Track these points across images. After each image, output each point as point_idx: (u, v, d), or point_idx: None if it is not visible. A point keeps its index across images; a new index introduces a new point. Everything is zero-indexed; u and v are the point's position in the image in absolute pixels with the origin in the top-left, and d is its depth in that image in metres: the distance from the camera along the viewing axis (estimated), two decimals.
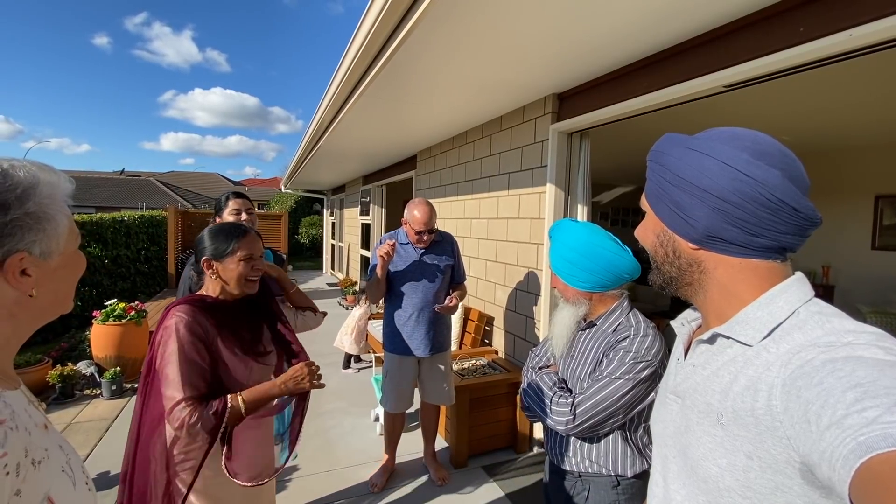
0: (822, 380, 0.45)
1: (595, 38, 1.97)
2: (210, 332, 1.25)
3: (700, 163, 0.60)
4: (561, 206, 2.82)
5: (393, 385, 2.51)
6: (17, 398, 0.57)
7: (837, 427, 0.41)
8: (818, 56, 1.50)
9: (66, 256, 0.63)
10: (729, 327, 0.59)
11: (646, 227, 0.70)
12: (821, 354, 0.48)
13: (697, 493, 0.60)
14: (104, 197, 20.59)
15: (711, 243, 0.61)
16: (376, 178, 7.28)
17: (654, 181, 0.66)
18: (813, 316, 0.55)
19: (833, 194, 5.10)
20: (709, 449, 0.57)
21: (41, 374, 3.76)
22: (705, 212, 0.59)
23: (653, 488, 0.73)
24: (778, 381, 0.50)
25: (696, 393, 0.62)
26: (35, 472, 0.53)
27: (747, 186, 0.57)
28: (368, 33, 2.11)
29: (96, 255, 6.59)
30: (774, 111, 3.38)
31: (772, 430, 0.50)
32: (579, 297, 1.34)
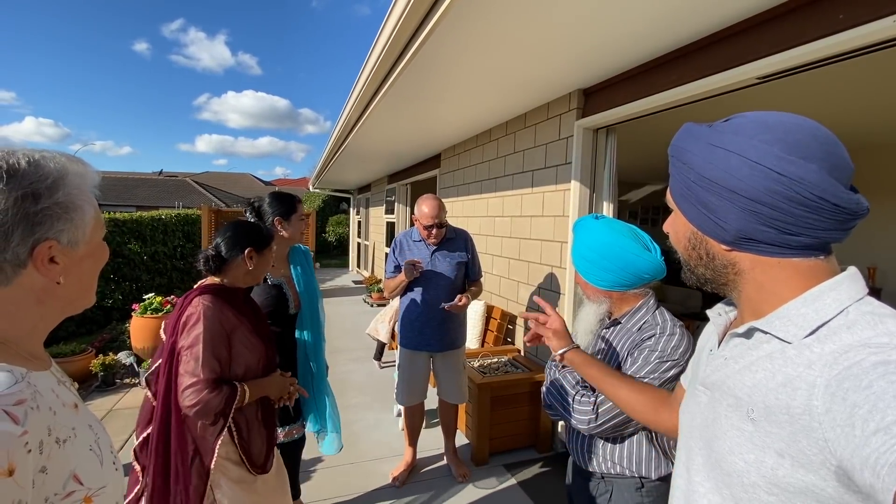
0: (871, 383, 0.43)
1: (622, 31, 1.93)
2: (231, 320, 1.33)
3: (726, 162, 0.56)
4: (586, 203, 2.78)
5: (404, 378, 2.56)
6: (45, 379, 0.59)
7: (885, 433, 0.40)
8: (859, 44, 1.42)
9: (92, 246, 0.65)
10: (768, 322, 0.56)
11: (675, 226, 0.67)
12: (871, 356, 0.45)
13: (721, 486, 0.58)
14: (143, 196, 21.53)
15: (745, 245, 0.58)
16: (401, 177, 7.35)
17: (679, 180, 0.63)
18: (864, 315, 0.51)
19: (880, 191, 4.82)
20: (736, 443, 0.55)
21: (85, 363, 3.98)
22: (736, 214, 0.56)
23: (676, 479, 0.71)
24: (821, 381, 0.48)
25: (725, 385, 0.60)
26: (60, 450, 0.55)
27: (781, 186, 0.52)
28: (392, 32, 2.14)
29: (136, 251, 6.90)
30: (813, 104, 3.23)
31: (808, 431, 0.48)
32: (600, 296, 1.33)
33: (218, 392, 1.24)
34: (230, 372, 1.33)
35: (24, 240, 0.56)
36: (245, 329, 1.37)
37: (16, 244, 0.55)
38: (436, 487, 2.51)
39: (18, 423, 0.50)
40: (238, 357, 1.34)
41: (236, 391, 1.28)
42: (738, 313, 0.67)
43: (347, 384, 4.03)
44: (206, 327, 1.26)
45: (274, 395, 1.46)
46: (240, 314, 1.38)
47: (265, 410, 1.46)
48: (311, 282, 2.03)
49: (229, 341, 1.32)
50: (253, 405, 1.40)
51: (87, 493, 0.58)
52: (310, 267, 2.06)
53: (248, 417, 1.38)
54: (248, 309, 1.46)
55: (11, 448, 0.48)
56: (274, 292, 1.88)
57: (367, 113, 3.53)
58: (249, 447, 1.37)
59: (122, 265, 6.62)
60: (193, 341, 1.25)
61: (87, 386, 3.93)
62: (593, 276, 1.31)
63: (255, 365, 1.39)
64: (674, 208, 0.66)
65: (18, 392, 0.52)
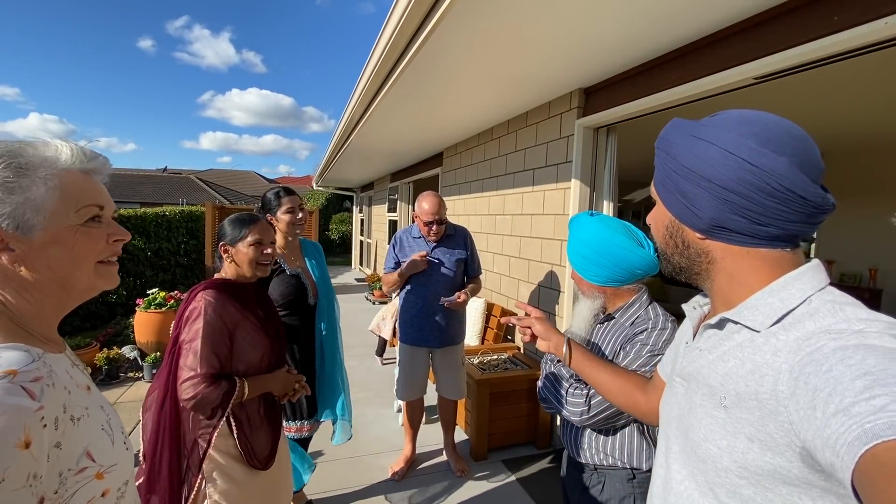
0: (831, 367, 0.45)
1: (622, 30, 1.95)
2: (234, 316, 1.34)
3: (705, 152, 0.59)
4: (586, 202, 2.80)
5: (404, 374, 2.59)
6: (60, 361, 0.61)
7: (844, 414, 0.41)
8: (853, 45, 1.44)
9: (55, 233, 0.60)
10: (738, 312, 0.59)
11: (656, 216, 0.70)
12: (831, 342, 0.48)
13: (696, 472, 0.61)
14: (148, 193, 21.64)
15: (718, 233, 0.61)
16: (404, 175, 7.38)
17: (662, 170, 0.66)
18: (826, 304, 0.54)
19: (882, 193, 4.82)
20: (710, 430, 0.58)
21: (89, 356, 4.03)
22: (711, 202, 0.59)
23: (656, 469, 0.74)
24: (786, 366, 0.50)
25: (700, 376, 0.63)
26: (74, 427, 0.57)
27: (752, 176, 0.55)
28: (394, 31, 2.16)
29: (140, 247, 6.95)
30: (811, 106, 3.23)
31: (774, 415, 0.50)
32: (594, 291, 1.36)
33: (216, 386, 1.25)
34: (231, 367, 1.33)
35: None
36: (250, 325, 1.37)
37: None
38: (434, 482, 2.54)
39: (35, 398, 0.52)
40: (240, 353, 1.35)
41: (235, 386, 1.29)
42: (710, 305, 0.69)
43: (348, 380, 4.05)
44: (207, 322, 1.27)
45: (277, 391, 1.46)
46: (245, 309, 1.38)
47: (268, 406, 1.46)
48: (325, 273, 2.09)
49: (231, 337, 1.33)
50: (255, 401, 1.40)
51: (98, 470, 0.60)
52: (322, 260, 2.12)
53: (250, 413, 1.39)
54: (256, 304, 1.46)
55: (28, 422, 0.50)
56: (294, 282, 1.92)
57: (369, 111, 3.55)
58: (251, 443, 1.37)
59: (127, 261, 6.67)
60: (193, 335, 1.27)
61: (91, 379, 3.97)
62: (588, 272, 1.34)
63: (258, 362, 1.39)
64: (656, 199, 0.69)
65: (35, 370, 0.54)
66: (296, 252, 2.02)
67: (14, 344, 0.56)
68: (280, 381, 1.46)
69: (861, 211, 5.03)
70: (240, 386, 1.30)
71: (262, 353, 1.40)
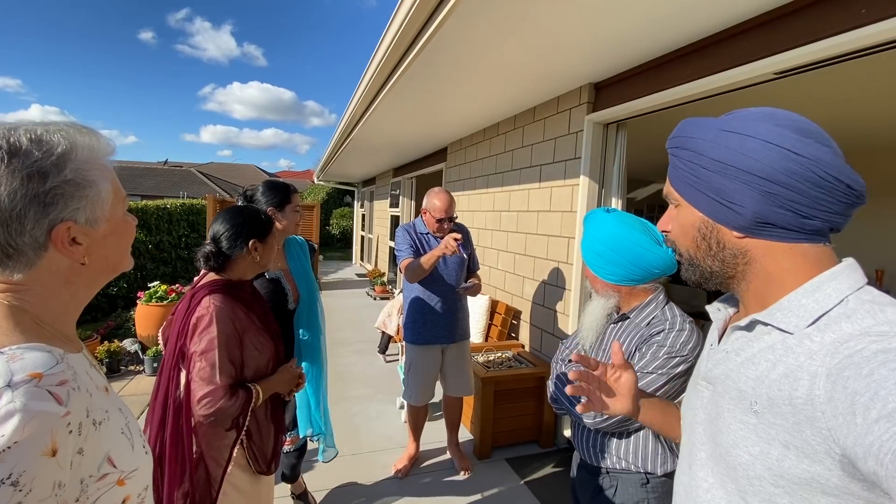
0: (872, 370, 0.43)
1: (636, 24, 1.90)
2: (243, 320, 1.28)
3: (742, 145, 0.56)
4: (595, 198, 2.75)
5: (416, 377, 2.51)
6: (80, 361, 0.58)
7: (888, 420, 0.40)
8: (882, 39, 1.40)
9: (114, 223, 0.62)
10: (769, 314, 0.57)
11: (680, 219, 0.65)
12: (872, 344, 0.45)
13: (726, 480, 0.58)
14: (149, 186, 21.59)
15: (760, 230, 0.57)
16: (406, 170, 7.33)
17: (686, 169, 0.62)
18: (864, 304, 0.51)
19: (890, 194, 4.77)
20: (741, 436, 0.55)
21: (90, 349, 3.99)
22: (753, 196, 0.56)
23: (679, 476, 0.71)
24: (822, 370, 0.48)
25: (728, 379, 0.60)
26: (96, 432, 0.55)
27: (799, 165, 0.54)
28: (402, 22, 2.12)
29: (141, 240, 6.93)
30: (825, 104, 3.18)
31: (811, 420, 0.48)
32: (608, 290, 1.32)
33: (235, 398, 1.19)
34: (241, 375, 1.28)
35: (39, 222, 0.53)
36: (255, 329, 1.31)
37: (31, 227, 0.53)
38: (438, 480, 2.51)
39: (62, 403, 0.50)
40: (249, 359, 1.28)
41: (251, 394, 1.23)
42: (741, 307, 0.66)
43: (349, 376, 4.04)
44: (221, 330, 1.19)
45: (284, 389, 1.41)
46: (250, 312, 1.32)
47: (274, 407, 1.42)
48: (309, 275, 1.94)
49: (241, 343, 1.27)
50: (263, 404, 1.35)
51: (120, 476, 0.58)
52: (307, 259, 1.97)
53: (259, 418, 1.33)
54: (255, 303, 1.40)
55: (55, 428, 0.48)
56: (272, 287, 1.78)
57: (374, 105, 3.51)
58: (260, 448, 1.33)
59: None
60: (207, 346, 1.18)
61: None
62: (602, 270, 1.30)
63: (265, 366, 1.34)
64: (677, 200, 0.65)
65: (60, 373, 0.52)
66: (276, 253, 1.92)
67: (35, 344, 0.53)
68: (284, 379, 1.39)
69: (868, 212, 4.97)
70: (255, 393, 1.24)
71: (268, 357, 1.34)
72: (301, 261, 1.95)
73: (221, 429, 1.21)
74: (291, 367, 1.44)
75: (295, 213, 1.84)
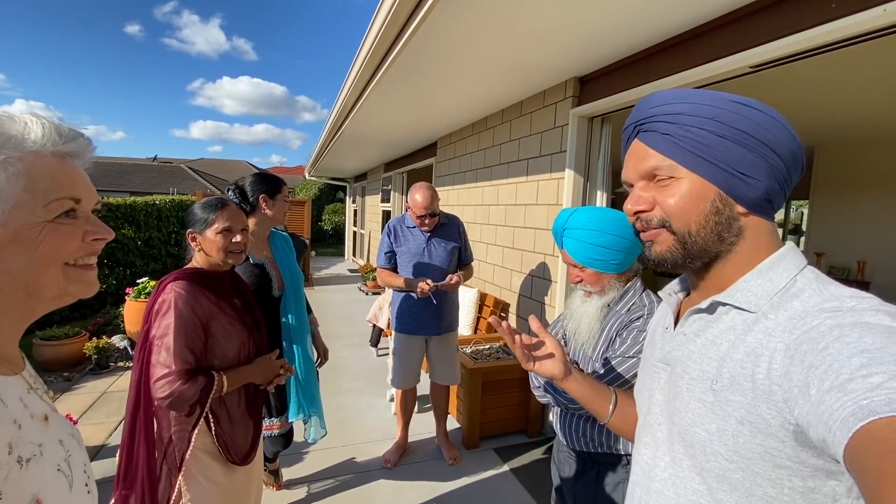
0: (828, 345, 0.45)
1: (618, 18, 1.93)
2: (208, 308, 1.27)
3: (758, 116, 0.56)
4: (580, 192, 2.79)
5: (400, 363, 2.59)
6: (14, 385, 0.51)
7: (839, 391, 0.41)
8: (850, 33, 1.43)
9: (15, 230, 0.49)
10: (730, 295, 0.58)
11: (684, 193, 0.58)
12: (827, 320, 0.48)
13: (683, 457, 0.60)
14: (138, 182, 21.34)
15: (762, 206, 0.57)
16: (397, 165, 7.33)
17: (696, 138, 0.57)
18: (810, 283, 0.55)
19: (873, 187, 4.86)
20: (698, 415, 0.57)
21: (79, 346, 3.99)
22: (766, 171, 0.55)
23: (636, 456, 0.72)
24: (780, 345, 0.50)
25: (689, 360, 0.61)
26: (22, 470, 0.46)
27: (792, 143, 0.57)
28: (387, 15, 2.12)
29: (130, 236, 6.87)
30: (803, 99, 3.24)
31: (768, 395, 0.50)
32: (613, 282, 1.30)
33: (192, 383, 1.18)
34: (206, 361, 1.27)
35: None
36: (225, 317, 1.30)
37: None
38: (426, 469, 2.55)
39: None
40: (215, 347, 1.28)
41: (213, 381, 1.23)
42: (698, 290, 0.66)
43: (341, 370, 4.06)
44: (178, 315, 1.20)
45: (260, 380, 1.40)
46: (220, 300, 1.31)
47: (250, 399, 1.41)
48: (294, 266, 2.00)
49: (205, 330, 1.26)
50: (235, 394, 1.34)
51: None
52: (292, 252, 2.03)
53: (230, 408, 1.33)
54: (232, 294, 1.40)
55: None
56: (257, 271, 1.83)
57: (363, 98, 3.51)
58: (232, 438, 1.32)
59: (116, 250, 6.59)
60: (165, 331, 1.19)
61: (80, 369, 3.94)
62: (609, 264, 1.27)
63: (235, 355, 1.33)
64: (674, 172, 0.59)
65: None
66: (263, 242, 1.93)
67: None
68: (261, 370, 1.39)
69: (850, 205, 5.07)
70: (218, 380, 1.24)
71: (239, 345, 1.34)
72: (285, 252, 1.99)
73: (181, 413, 1.21)
74: (270, 359, 1.43)
75: (284, 202, 1.91)
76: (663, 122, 0.59)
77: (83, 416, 3.08)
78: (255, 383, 1.41)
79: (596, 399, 0.90)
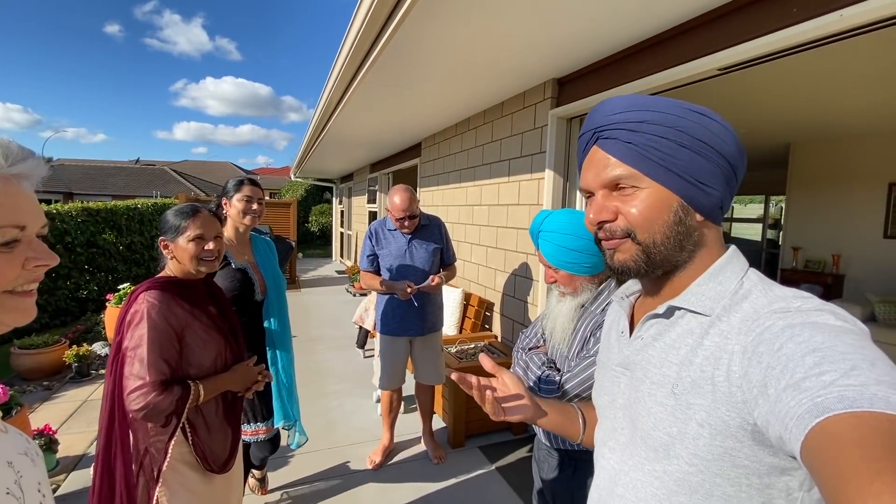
0: (782, 345, 0.47)
1: (594, 21, 1.96)
2: (182, 317, 1.26)
3: (715, 126, 0.57)
4: (560, 192, 2.82)
5: (385, 364, 2.60)
6: None
7: (795, 389, 0.43)
8: (810, 37, 1.48)
9: None
10: (685, 299, 0.60)
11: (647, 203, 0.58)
12: (779, 321, 0.50)
13: (644, 461, 0.61)
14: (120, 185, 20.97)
15: (717, 213, 0.59)
16: (383, 165, 7.31)
17: (657, 147, 0.57)
18: (756, 285, 0.57)
19: (845, 182, 5.00)
20: (660, 419, 0.58)
21: (58, 354, 3.92)
22: (720, 179, 0.58)
23: (599, 460, 0.72)
24: (738, 348, 0.52)
25: (649, 365, 0.62)
26: None
27: (739, 151, 0.59)
28: (364, 19, 2.13)
29: (111, 241, 6.76)
30: (780, 98, 3.32)
31: (728, 397, 0.51)
32: (585, 284, 1.32)
33: (168, 393, 1.17)
34: (181, 371, 1.25)
35: None
36: (200, 325, 1.29)
37: None
38: (412, 470, 2.57)
39: None
40: (190, 356, 1.27)
41: (189, 390, 1.21)
42: (653, 294, 0.67)
43: (326, 372, 4.05)
44: (151, 326, 1.18)
45: (238, 387, 1.39)
46: (195, 308, 1.30)
47: (228, 407, 1.40)
48: (276, 271, 1.99)
49: (180, 340, 1.25)
50: (213, 402, 1.33)
51: None
52: (274, 257, 2.02)
53: (207, 416, 1.32)
54: (208, 302, 1.38)
55: None
56: (239, 276, 1.81)
57: (344, 100, 3.50)
58: (210, 447, 1.31)
59: (97, 255, 6.48)
60: (138, 341, 1.17)
61: (60, 377, 3.87)
62: (579, 266, 1.29)
63: (211, 363, 1.32)
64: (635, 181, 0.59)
65: None
66: (245, 246, 1.93)
67: None
68: (239, 377, 1.38)
69: (826, 201, 5.21)
70: (194, 389, 1.22)
71: (215, 353, 1.33)
72: (268, 256, 1.99)
73: (157, 424, 1.20)
74: (248, 366, 1.42)
75: (244, 202, 1.85)
76: (625, 130, 0.59)
77: (63, 425, 3.04)
78: (233, 391, 1.40)
79: (566, 424, 0.88)
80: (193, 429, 1.28)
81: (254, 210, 1.87)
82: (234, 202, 1.86)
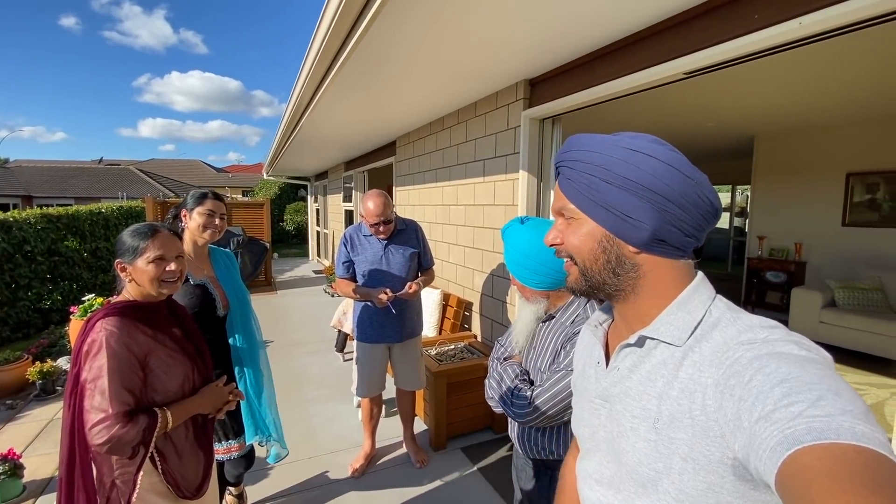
0: (751, 377, 0.48)
1: (563, 23, 1.96)
2: (144, 343, 1.21)
3: (646, 163, 0.59)
4: (534, 192, 2.84)
5: (363, 372, 2.57)
6: None
7: (766, 420, 0.44)
8: (771, 44, 1.51)
9: None
10: (655, 329, 0.60)
11: (578, 234, 0.65)
12: (747, 352, 0.51)
13: (634, 496, 0.61)
14: (83, 187, 20.09)
15: (655, 246, 0.60)
16: (358, 164, 7.21)
17: (586, 183, 0.62)
18: (724, 313, 0.58)
19: (806, 173, 5.19)
20: (644, 454, 0.58)
21: (21, 371, 3.74)
22: (653, 214, 0.59)
23: (586, 491, 0.72)
24: (710, 381, 0.52)
25: (628, 398, 0.62)
26: None
27: (689, 188, 0.59)
28: (332, 20, 2.07)
29: (74, 248, 6.48)
30: (743, 91, 3.42)
31: (706, 431, 0.52)
32: (537, 296, 1.36)
33: (133, 424, 1.12)
34: (147, 399, 1.20)
35: None
36: (165, 350, 1.25)
37: None
38: (395, 475, 2.56)
39: None
40: (155, 383, 1.22)
41: (156, 419, 1.16)
42: (623, 322, 0.68)
43: (305, 378, 4.00)
44: (110, 355, 1.12)
45: (208, 409, 1.35)
46: (157, 332, 1.25)
47: (198, 430, 1.36)
48: (238, 283, 1.93)
49: (143, 367, 1.20)
50: (182, 428, 1.29)
51: None
52: (235, 270, 1.97)
53: (177, 442, 1.28)
54: (171, 324, 1.33)
55: None
56: (198, 292, 1.75)
57: (315, 99, 3.42)
58: (181, 474, 1.27)
59: (60, 264, 6.20)
60: (98, 373, 1.11)
61: (24, 395, 3.70)
62: (530, 281, 1.33)
63: (178, 388, 1.27)
64: (573, 214, 0.65)
65: None
66: (203, 260, 1.87)
67: None
68: (208, 399, 1.34)
69: (788, 191, 5.40)
70: (161, 417, 1.18)
71: (182, 377, 1.28)
72: (229, 269, 1.92)
73: (122, 457, 1.15)
74: (218, 386, 1.38)
75: (204, 216, 1.80)
76: (567, 168, 0.66)
77: (29, 446, 2.91)
78: (204, 413, 1.36)
79: None
80: (163, 457, 1.24)
81: (215, 225, 1.81)
82: (194, 215, 1.79)
